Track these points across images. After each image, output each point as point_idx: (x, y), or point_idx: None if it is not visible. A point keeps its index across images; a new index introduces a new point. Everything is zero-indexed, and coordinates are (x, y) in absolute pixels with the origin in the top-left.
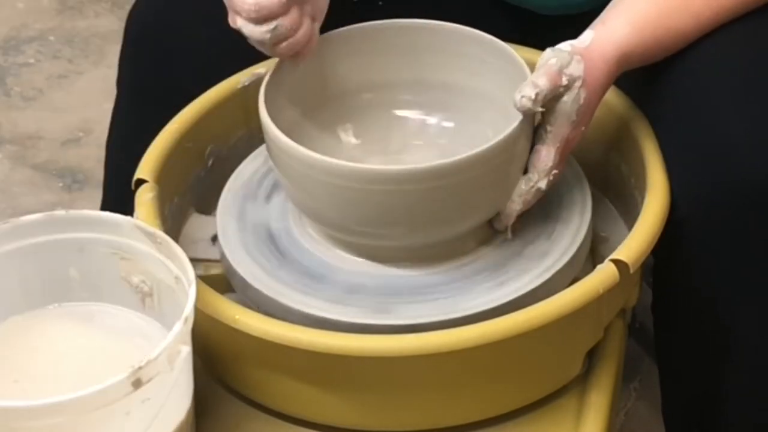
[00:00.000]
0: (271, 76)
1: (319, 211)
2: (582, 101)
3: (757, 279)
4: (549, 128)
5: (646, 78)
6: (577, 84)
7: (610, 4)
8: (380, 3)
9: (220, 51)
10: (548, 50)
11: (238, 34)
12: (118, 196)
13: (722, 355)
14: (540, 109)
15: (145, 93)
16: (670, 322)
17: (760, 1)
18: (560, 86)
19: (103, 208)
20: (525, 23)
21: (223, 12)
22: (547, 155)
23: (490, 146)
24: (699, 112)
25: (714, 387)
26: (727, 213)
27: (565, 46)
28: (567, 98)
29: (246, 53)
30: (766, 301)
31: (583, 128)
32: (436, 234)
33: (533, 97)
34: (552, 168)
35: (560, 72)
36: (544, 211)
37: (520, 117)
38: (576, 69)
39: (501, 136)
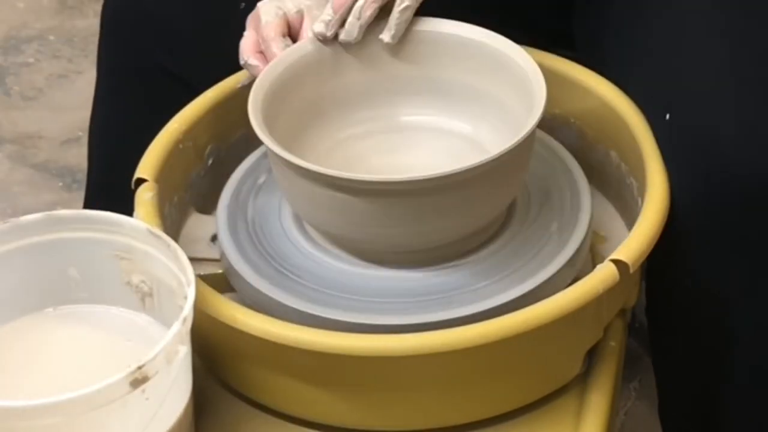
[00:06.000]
0: (268, 77)
1: (320, 217)
2: None
3: (753, 277)
4: None
5: (645, 78)
6: None
7: None
8: None
9: (191, 25)
10: None
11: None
12: (100, 180)
13: (719, 353)
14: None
15: (119, 71)
16: (666, 321)
17: None
18: None
19: (87, 193)
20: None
21: None
22: None
23: (496, 156)
24: (696, 111)
25: (711, 386)
26: (724, 212)
27: None
28: None
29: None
30: (763, 300)
31: None
32: (437, 238)
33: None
34: None
35: None
36: (543, 211)
37: (525, 124)
38: None
39: (507, 147)
